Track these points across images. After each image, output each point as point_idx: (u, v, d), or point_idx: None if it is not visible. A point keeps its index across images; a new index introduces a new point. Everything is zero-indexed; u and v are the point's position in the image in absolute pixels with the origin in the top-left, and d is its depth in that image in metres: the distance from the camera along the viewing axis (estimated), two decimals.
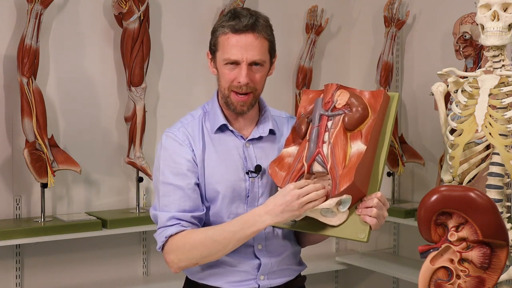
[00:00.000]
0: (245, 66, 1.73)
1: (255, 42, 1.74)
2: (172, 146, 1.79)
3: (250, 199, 1.80)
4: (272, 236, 1.82)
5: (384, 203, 1.69)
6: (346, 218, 1.69)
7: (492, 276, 1.62)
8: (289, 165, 1.76)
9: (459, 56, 2.98)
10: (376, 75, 3.54)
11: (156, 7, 3.33)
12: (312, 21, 3.73)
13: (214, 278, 1.81)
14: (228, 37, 1.74)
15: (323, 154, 1.70)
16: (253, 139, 1.84)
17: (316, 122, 1.75)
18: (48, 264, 3.08)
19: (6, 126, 2.98)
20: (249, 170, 1.80)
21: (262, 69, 1.78)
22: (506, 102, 1.79)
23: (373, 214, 1.65)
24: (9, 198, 3.00)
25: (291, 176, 1.72)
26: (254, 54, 1.73)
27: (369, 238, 1.67)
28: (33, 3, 2.83)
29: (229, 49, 1.73)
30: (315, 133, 1.73)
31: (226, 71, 1.76)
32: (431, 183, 3.43)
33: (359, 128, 1.72)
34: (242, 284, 1.80)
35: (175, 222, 1.74)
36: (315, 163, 1.71)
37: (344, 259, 3.71)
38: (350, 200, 1.66)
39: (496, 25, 1.81)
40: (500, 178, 1.83)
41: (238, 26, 1.73)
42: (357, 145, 1.69)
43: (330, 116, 1.75)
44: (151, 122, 3.22)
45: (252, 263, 1.80)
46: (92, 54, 3.19)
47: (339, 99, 1.76)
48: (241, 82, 1.74)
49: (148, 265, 3.32)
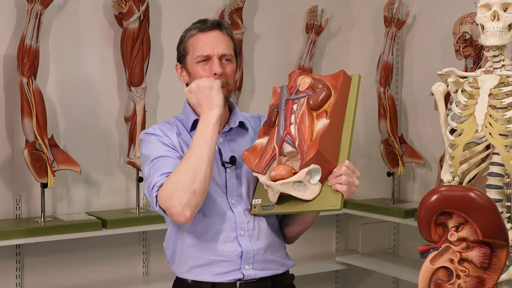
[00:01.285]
0: (216, 59, 1.84)
1: (223, 37, 1.87)
2: (152, 136, 1.87)
3: (229, 189, 1.87)
4: (254, 223, 1.86)
5: (353, 170, 1.74)
6: (319, 192, 1.73)
7: (492, 276, 1.62)
8: (262, 150, 1.82)
9: (459, 56, 2.98)
10: (376, 75, 3.54)
11: (156, 7, 3.33)
12: (312, 21, 3.73)
13: (199, 271, 1.83)
14: (197, 37, 1.87)
15: (291, 134, 1.76)
16: (225, 132, 1.92)
17: (282, 106, 1.82)
18: (48, 264, 3.08)
19: (6, 126, 2.98)
20: (224, 162, 1.86)
21: (231, 64, 1.89)
22: (506, 102, 1.79)
23: (342, 181, 1.70)
24: (9, 198, 3.00)
25: (264, 159, 1.77)
26: (223, 47, 1.86)
27: (342, 205, 1.71)
28: (33, 3, 2.83)
29: (200, 47, 1.86)
30: (283, 117, 1.80)
31: (199, 69, 1.86)
32: (431, 183, 3.44)
33: (324, 107, 1.79)
34: (227, 275, 1.82)
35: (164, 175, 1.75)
36: (285, 144, 1.76)
37: (344, 259, 3.72)
38: (319, 170, 1.71)
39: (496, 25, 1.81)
40: (500, 178, 1.83)
41: (205, 26, 1.88)
42: (322, 122, 1.76)
43: (295, 99, 1.82)
44: (151, 122, 3.22)
45: (235, 251, 1.82)
46: (92, 54, 3.19)
47: (302, 83, 1.84)
48: (217, 72, 1.83)
49: (148, 265, 3.33)
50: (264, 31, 3.69)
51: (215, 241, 1.82)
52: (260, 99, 3.63)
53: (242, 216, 1.85)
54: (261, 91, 3.66)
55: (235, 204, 1.86)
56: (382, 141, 3.50)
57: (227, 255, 1.82)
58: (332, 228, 3.98)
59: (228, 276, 1.82)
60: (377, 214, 3.48)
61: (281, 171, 1.73)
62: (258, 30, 3.70)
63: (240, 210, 1.85)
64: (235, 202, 1.86)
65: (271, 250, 1.88)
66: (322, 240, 3.91)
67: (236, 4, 3.40)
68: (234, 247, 1.82)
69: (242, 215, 1.85)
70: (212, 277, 1.82)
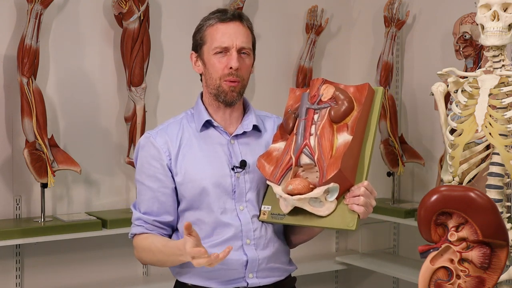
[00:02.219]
0: (235, 52, 1.79)
1: (243, 30, 1.83)
2: (149, 148, 1.84)
3: (237, 194, 1.82)
4: (261, 231, 1.82)
5: (371, 191, 1.72)
6: (334, 208, 1.71)
7: (492, 276, 1.62)
8: (277, 158, 1.78)
9: (459, 56, 2.98)
10: (376, 75, 3.54)
11: (156, 7, 3.33)
12: (312, 21, 3.73)
13: (202, 278, 1.81)
14: (217, 27, 1.82)
15: (310, 146, 1.72)
16: (238, 135, 1.87)
17: (303, 115, 1.78)
18: (48, 264, 3.08)
19: (6, 126, 2.98)
20: (234, 166, 1.82)
21: (249, 58, 1.84)
22: (506, 102, 1.79)
23: (360, 202, 1.68)
24: (9, 198, 3.00)
25: (280, 169, 1.74)
26: (243, 40, 1.81)
27: (357, 226, 1.69)
28: (33, 3, 2.83)
29: (219, 37, 1.80)
30: (302, 126, 1.76)
31: (216, 60, 1.81)
32: (431, 183, 3.43)
33: (345, 120, 1.75)
34: (231, 283, 1.80)
35: (140, 224, 1.84)
36: (303, 155, 1.73)
37: (344, 259, 3.71)
38: (337, 189, 1.69)
39: (496, 25, 1.81)
40: (500, 178, 1.83)
41: (225, 16, 1.82)
42: (344, 136, 1.72)
43: (316, 109, 1.78)
44: (151, 122, 3.22)
45: (240, 260, 1.79)
46: (92, 54, 3.19)
47: (325, 92, 1.79)
48: (233, 66, 1.78)
49: (148, 265, 3.32)
50: (264, 31, 3.69)
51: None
52: (260, 99, 3.62)
53: (249, 224, 1.81)
54: (261, 91, 3.66)
55: (243, 211, 1.81)
56: (382, 141, 3.50)
57: (231, 264, 1.78)
58: None
59: (231, 284, 1.80)
60: (377, 214, 3.48)
61: (297, 185, 1.69)
62: (258, 30, 3.67)
63: (247, 218, 1.81)
64: (243, 208, 1.82)
65: (276, 258, 1.85)
66: (322, 240, 3.90)
67: (236, 4, 3.40)
68: (239, 256, 1.79)
69: (249, 223, 1.81)
70: (216, 284, 1.80)
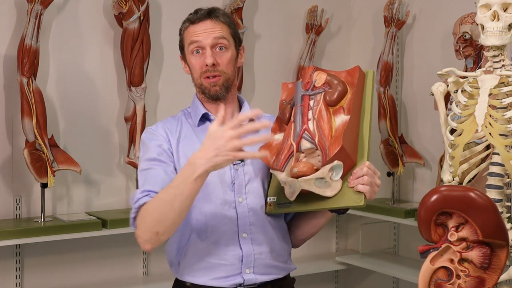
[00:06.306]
0: (208, 49, 1.83)
1: (213, 25, 1.86)
2: (151, 136, 1.87)
3: (237, 186, 1.83)
4: (258, 225, 1.82)
5: (374, 171, 1.72)
6: (340, 188, 1.70)
7: (492, 276, 1.62)
8: (278, 147, 1.79)
9: (459, 56, 2.98)
10: (376, 75, 3.54)
11: (156, 7, 3.33)
12: (312, 21, 3.73)
13: (200, 274, 1.80)
14: (189, 29, 1.88)
15: (310, 130, 1.73)
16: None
17: (298, 102, 1.79)
18: (48, 264, 3.08)
19: (6, 126, 2.98)
20: None
21: (227, 52, 1.87)
22: (506, 102, 1.79)
23: (365, 181, 1.68)
24: (9, 198, 3.00)
25: (282, 156, 1.74)
26: (215, 36, 1.84)
27: (365, 203, 1.68)
28: (33, 3, 2.83)
29: (191, 37, 1.86)
30: (299, 113, 1.77)
31: (194, 60, 1.86)
32: (431, 183, 3.43)
33: (340, 103, 1.77)
34: (228, 280, 1.79)
35: (145, 194, 1.73)
36: (303, 140, 1.73)
37: (344, 259, 3.71)
38: (341, 166, 1.69)
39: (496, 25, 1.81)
40: (500, 178, 1.83)
41: (195, 17, 1.88)
42: (341, 118, 1.74)
43: (311, 95, 1.80)
44: (151, 122, 3.21)
45: (236, 254, 1.79)
46: (92, 54, 3.19)
47: (318, 79, 1.82)
48: (208, 63, 1.83)
49: (148, 265, 3.32)
50: (264, 31, 3.69)
51: (216, 244, 1.79)
52: (260, 99, 3.63)
53: (246, 217, 1.81)
54: (261, 91, 3.67)
55: (242, 203, 1.81)
56: (382, 141, 3.50)
57: (227, 259, 1.79)
58: (332, 228, 3.98)
59: (228, 280, 1.79)
60: (377, 214, 3.48)
61: (302, 168, 1.68)
62: (258, 30, 3.70)
63: (245, 211, 1.81)
64: (243, 200, 1.82)
65: (274, 255, 1.85)
66: (322, 240, 3.90)
67: (236, 4, 3.40)
68: (234, 250, 1.79)
69: (246, 216, 1.81)
70: (212, 281, 1.79)
